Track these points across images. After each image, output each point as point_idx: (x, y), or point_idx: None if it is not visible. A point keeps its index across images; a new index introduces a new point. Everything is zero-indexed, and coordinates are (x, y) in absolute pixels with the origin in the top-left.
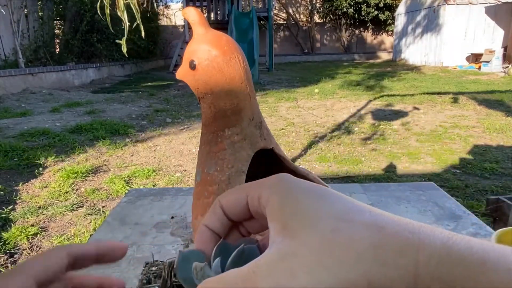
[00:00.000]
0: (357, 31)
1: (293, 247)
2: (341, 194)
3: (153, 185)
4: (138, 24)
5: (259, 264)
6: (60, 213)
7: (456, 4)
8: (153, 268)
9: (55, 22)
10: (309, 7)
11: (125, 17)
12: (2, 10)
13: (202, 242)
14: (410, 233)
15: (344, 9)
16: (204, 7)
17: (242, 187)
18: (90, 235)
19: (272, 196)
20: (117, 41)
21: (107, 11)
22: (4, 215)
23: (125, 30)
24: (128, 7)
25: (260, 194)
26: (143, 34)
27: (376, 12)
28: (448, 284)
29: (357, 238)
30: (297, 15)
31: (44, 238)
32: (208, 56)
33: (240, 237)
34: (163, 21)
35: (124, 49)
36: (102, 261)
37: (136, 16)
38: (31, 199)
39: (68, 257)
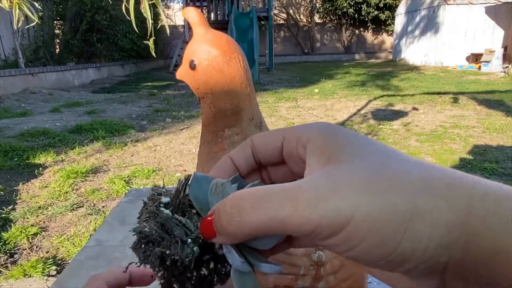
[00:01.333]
0: (357, 31)
1: (341, 171)
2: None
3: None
4: (150, 25)
5: (304, 180)
6: (60, 213)
7: (456, 4)
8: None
9: (55, 22)
10: (309, 7)
11: (149, 17)
12: (3, 5)
13: (219, 170)
14: (463, 174)
15: (344, 9)
16: (204, 7)
17: (278, 130)
18: (90, 235)
19: (314, 135)
20: (145, 41)
21: (132, 12)
22: (4, 215)
23: (149, 30)
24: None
25: (300, 135)
26: (168, 32)
27: (376, 12)
28: (506, 219)
29: (406, 171)
30: (297, 15)
31: (44, 238)
32: (208, 56)
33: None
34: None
35: (153, 50)
36: (135, 284)
37: (162, 16)
38: (31, 199)
39: (108, 287)
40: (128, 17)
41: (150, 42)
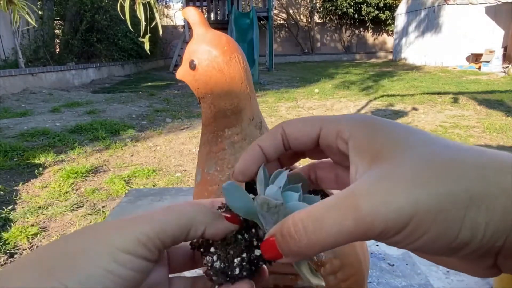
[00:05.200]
0: (357, 31)
1: (390, 169)
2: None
3: (153, 185)
4: (145, 25)
5: (355, 187)
6: (60, 213)
7: (456, 4)
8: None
9: (55, 22)
10: (309, 7)
11: (142, 17)
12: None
13: (249, 157)
14: (510, 155)
15: (344, 9)
16: (204, 7)
17: (313, 119)
18: None
19: (356, 130)
20: (140, 39)
21: (127, 12)
22: (4, 215)
23: (141, 30)
24: (144, 7)
25: (340, 129)
26: (160, 33)
27: (376, 12)
28: None
29: (458, 159)
30: (297, 15)
31: (44, 238)
32: (208, 56)
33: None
34: (163, 21)
35: (147, 47)
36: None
37: (156, 16)
38: (31, 199)
39: None
40: (123, 17)
41: (145, 40)
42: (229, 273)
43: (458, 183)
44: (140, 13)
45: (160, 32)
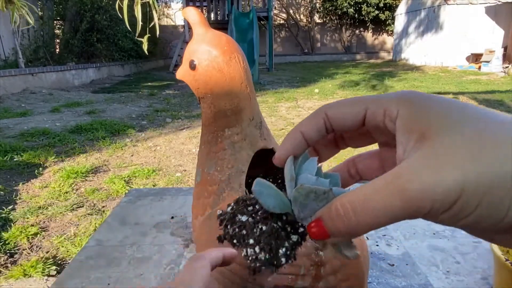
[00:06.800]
0: (357, 31)
1: (437, 148)
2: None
3: (153, 185)
4: (143, 24)
5: (402, 167)
6: (60, 213)
7: (456, 4)
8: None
9: (55, 22)
10: (309, 7)
11: (139, 16)
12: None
13: (290, 143)
14: None
15: (344, 9)
16: (204, 7)
17: (356, 100)
18: (90, 235)
19: (403, 108)
20: (138, 39)
21: (125, 12)
22: (4, 215)
23: (137, 29)
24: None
25: (386, 108)
26: (157, 33)
27: (376, 12)
28: None
29: (505, 135)
30: (297, 15)
31: (44, 238)
32: (208, 56)
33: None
34: (163, 21)
35: (145, 47)
36: (224, 264)
37: (154, 16)
38: (31, 199)
39: (211, 266)
40: (121, 16)
41: (144, 40)
42: (275, 262)
43: (508, 163)
44: (138, 12)
45: (158, 32)
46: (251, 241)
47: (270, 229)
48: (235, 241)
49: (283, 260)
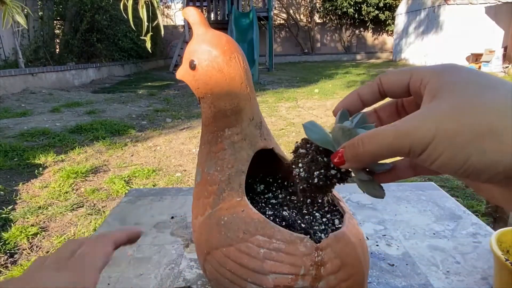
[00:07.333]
0: (357, 31)
1: (432, 106)
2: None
3: (153, 185)
4: (147, 25)
5: (407, 116)
6: (60, 213)
7: (456, 4)
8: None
9: (55, 22)
10: (309, 7)
11: (144, 16)
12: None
13: (348, 101)
14: None
15: (344, 9)
16: (204, 7)
17: (405, 70)
18: (90, 235)
19: (433, 76)
20: (142, 37)
21: (130, 11)
22: (4, 215)
23: (143, 29)
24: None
25: (424, 76)
26: (162, 32)
27: (376, 12)
28: None
29: (501, 100)
30: (297, 15)
31: (44, 238)
32: (208, 56)
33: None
34: (163, 21)
35: (149, 45)
36: (129, 243)
37: (158, 16)
38: (31, 199)
39: (114, 245)
40: (126, 16)
41: (147, 38)
42: (310, 181)
43: (477, 117)
44: (143, 13)
45: (162, 32)
46: (300, 164)
47: (312, 156)
48: (293, 165)
49: (316, 180)
